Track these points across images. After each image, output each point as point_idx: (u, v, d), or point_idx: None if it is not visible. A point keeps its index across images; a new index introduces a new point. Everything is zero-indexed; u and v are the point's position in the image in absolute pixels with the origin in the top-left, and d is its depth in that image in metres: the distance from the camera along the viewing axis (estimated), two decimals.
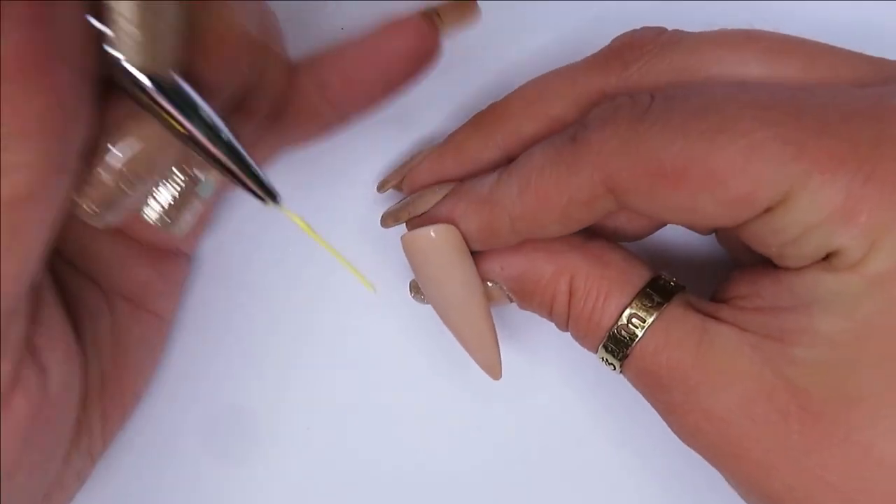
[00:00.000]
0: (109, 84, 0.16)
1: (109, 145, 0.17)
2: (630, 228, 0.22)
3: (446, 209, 0.21)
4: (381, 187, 0.24)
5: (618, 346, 0.20)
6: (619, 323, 0.20)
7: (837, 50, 0.19)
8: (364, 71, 0.21)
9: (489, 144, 0.22)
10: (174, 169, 0.18)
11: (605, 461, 0.25)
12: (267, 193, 0.18)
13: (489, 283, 0.22)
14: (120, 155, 0.17)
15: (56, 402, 0.19)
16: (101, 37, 0.15)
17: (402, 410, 0.26)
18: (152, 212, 0.19)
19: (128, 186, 0.17)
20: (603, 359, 0.21)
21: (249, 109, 0.20)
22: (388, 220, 0.23)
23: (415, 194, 0.22)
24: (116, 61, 0.15)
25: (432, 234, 0.20)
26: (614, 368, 0.21)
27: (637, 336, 0.19)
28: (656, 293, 0.20)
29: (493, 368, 0.22)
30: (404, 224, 0.23)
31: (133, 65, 0.15)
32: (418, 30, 0.20)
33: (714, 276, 0.22)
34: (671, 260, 0.26)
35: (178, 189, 0.18)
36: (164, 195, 0.19)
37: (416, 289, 0.23)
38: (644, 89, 0.20)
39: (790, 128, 0.16)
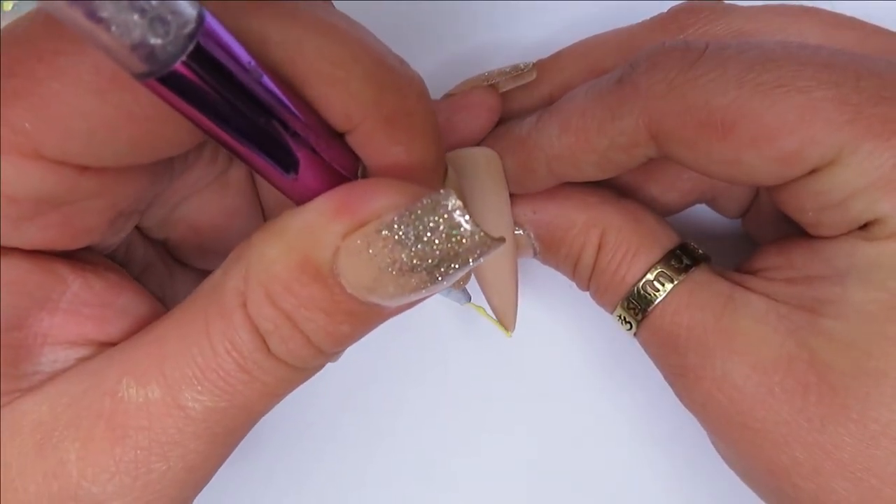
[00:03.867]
0: None
1: None
2: (660, 202, 0.22)
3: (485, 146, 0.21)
4: None
5: (640, 303, 0.19)
6: (646, 279, 0.19)
7: (888, 31, 0.19)
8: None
9: (534, 95, 0.22)
10: None
11: (611, 459, 0.25)
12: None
13: (517, 231, 0.21)
14: None
15: None
16: None
17: (402, 408, 0.26)
18: None
19: None
20: (620, 317, 0.20)
21: None
22: None
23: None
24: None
25: (474, 153, 0.20)
26: (630, 328, 0.20)
27: (661, 294, 0.19)
28: (685, 256, 0.20)
29: (508, 316, 0.22)
30: None
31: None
32: (486, 106, 0.21)
33: (734, 265, 0.22)
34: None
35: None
36: None
37: None
38: None
39: (848, 89, 0.16)
